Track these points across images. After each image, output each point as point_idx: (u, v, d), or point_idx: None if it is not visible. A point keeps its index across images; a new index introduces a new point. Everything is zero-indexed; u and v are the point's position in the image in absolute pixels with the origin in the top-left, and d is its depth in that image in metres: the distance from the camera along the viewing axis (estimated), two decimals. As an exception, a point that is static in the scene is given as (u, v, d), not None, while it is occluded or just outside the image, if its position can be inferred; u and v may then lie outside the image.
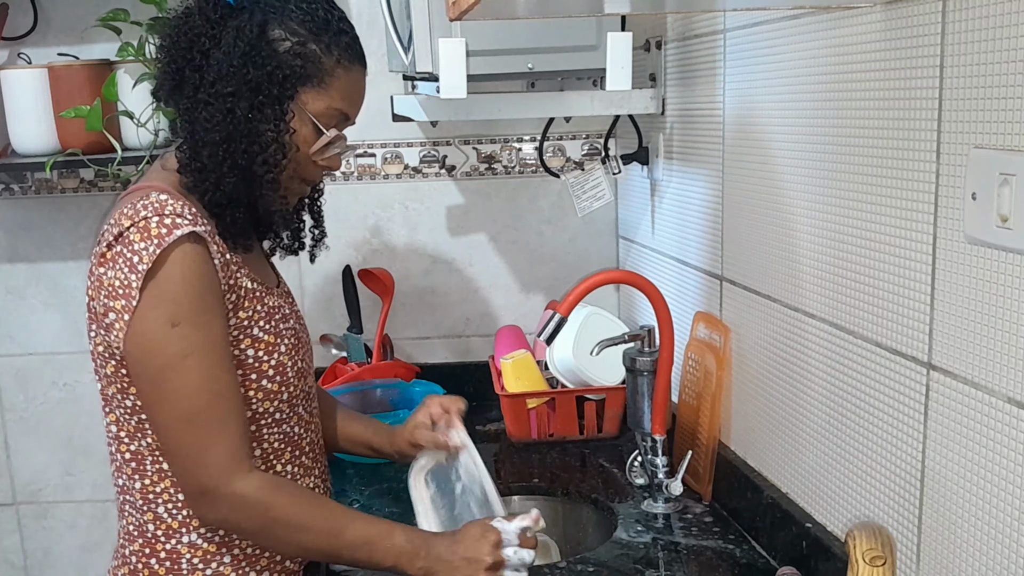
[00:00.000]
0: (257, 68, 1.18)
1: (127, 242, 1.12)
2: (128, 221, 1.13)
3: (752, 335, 1.44)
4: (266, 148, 1.20)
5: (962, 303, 0.95)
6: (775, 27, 1.30)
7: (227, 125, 1.18)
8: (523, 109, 1.74)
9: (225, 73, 1.17)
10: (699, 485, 1.58)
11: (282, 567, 1.29)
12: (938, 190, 0.97)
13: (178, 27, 1.21)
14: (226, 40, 1.18)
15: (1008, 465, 0.90)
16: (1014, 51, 0.85)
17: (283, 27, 1.20)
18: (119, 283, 1.12)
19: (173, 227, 1.12)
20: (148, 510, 1.23)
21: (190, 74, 1.20)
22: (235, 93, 1.17)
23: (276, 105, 1.19)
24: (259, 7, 1.20)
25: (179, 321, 1.13)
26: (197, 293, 1.14)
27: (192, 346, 1.13)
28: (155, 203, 1.14)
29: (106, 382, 1.22)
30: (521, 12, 1.17)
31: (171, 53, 1.21)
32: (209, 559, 1.24)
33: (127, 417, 1.22)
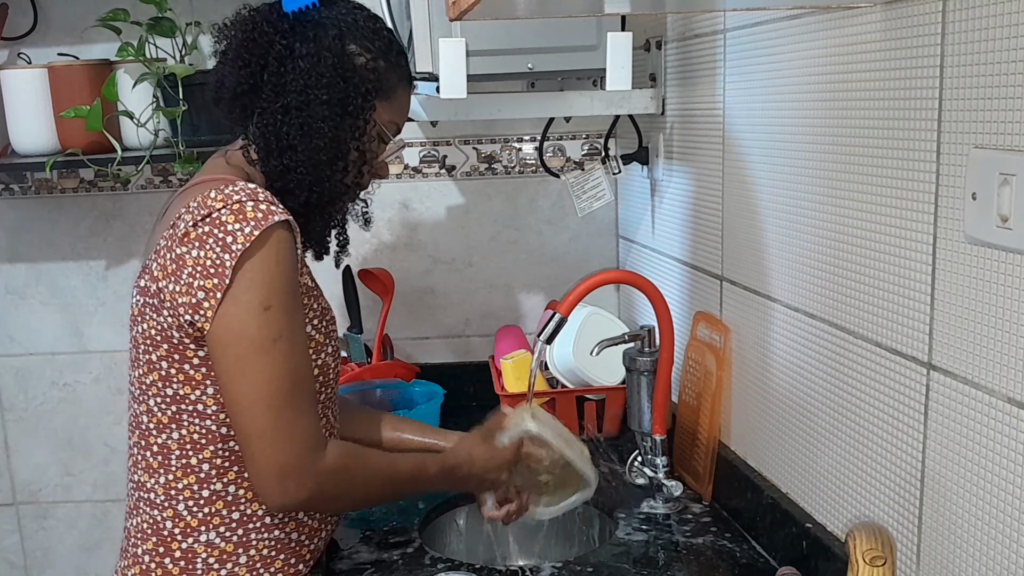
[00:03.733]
0: (345, 80, 1.23)
1: (218, 223, 1.13)
2: (219, 203, 1.14)
3: (752, 335, 1.44)
4: (348, 155, 1.26)
5: (962, 303, 0.95)
6: (775, 27, 1.30)
7: (320, 134, 1.22)
8: (523, 109, 1.74)
9: (314, 82, 1.21)
10: (699, 485, 1.58)
11: (295, 569, 1.29)
12: (938, 190, 0.97)
13: (247, 32, 1.24)
14: (304, 49, 1.22)
15: (1008, 465, 0.90)
16: (1014, 51, 0.85)
17: (358, 42, 1.25)
18: (210, 262, 1.13)
19: (269, 212, 1.15)
20: (168, 507, 1.23)
21: (268, 78, 1.23)
22: (328, 101, 1.22)
23: (360, 115, 1.25)
24: (330, 21, 1.24)
25: (271, 305, 1.15)
26: (288, 278, 1.17)
27: (282, 330, 1.16)
28: (246, 189, 1.16)
29: (147, 369, 1.22)
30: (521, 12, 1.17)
31: (243, 56, 1.24)
32: (225, 559, 1.24)
33: (163, 407, 1.22)
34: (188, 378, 1.20)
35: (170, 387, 1.21)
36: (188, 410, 1.21)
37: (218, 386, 1.19)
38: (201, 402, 1.21)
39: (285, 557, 1.28)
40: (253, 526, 1.25)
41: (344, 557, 1.46)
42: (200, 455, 1.22)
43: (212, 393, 1.20)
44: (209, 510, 1.23)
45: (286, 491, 1.18)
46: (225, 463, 1.23)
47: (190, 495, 1.23)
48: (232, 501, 1.24)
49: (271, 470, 1.17)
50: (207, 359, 1.19)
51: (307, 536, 1.30)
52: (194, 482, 1.23)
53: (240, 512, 1.24)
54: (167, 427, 1.22)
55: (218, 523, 1.23)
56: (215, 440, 1.22)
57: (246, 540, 1.24)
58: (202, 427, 1.21)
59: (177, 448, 1.22)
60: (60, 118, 1.87)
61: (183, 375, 1.20)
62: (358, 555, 1.46)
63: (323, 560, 1.41)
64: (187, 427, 1.22)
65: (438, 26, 1.54)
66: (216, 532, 1.23)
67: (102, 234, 2.16)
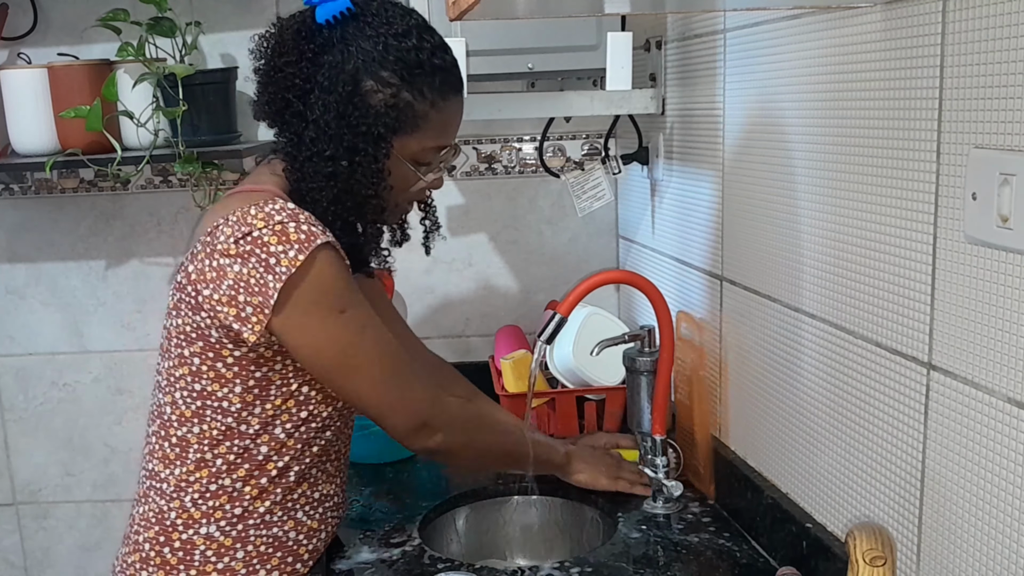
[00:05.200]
0: (352, 129, 1.21)
1: (261, 243, 1.15)
2: (260, 223, 1.16)
3: (752, 335, 1.44)
4: (366, 202, 1.25)
5: (962, 303, 0.95)
6: (775, 27, 1.30)
7: (330, 187, 1.22)
8: (523, 109, 1.74)
9: (322, 134, 1.21)
10: (702, 485, 1.58)
11: (292, 568, 1.30)
12: (938, 190, 0.97)
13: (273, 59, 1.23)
14: (320, 89, 1.20)
15: (1008, 465, 0.90)
16: (1014, 51, 0.85)
17: (374, 77, 1.20)
18: (254, 280, 1.15)
19: (311, 235, 1.16)
20: (176, 498, 1.25)
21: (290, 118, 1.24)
22: (333, 156, 1.21)
23: (372, 163, 1.23)
24: (350, 48, 1.20)
25: (344, 307, 1.22)
26: (348, 282, 1.23)
27: (363, 322, 1.24)
28: (286, 210, 1.18)
29: (178, 362, 1.24)
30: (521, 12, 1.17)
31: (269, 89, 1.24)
32: (223, 553, 1.26)
33: (189, 401, 1.24)
34: (218, 375, 1.22)
35: (199, 382, 1.23)
36: (213, 406, 1.23)
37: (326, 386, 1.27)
38: (227, 399, 1.23)
39: (282, 555, 1.29)
40: (252, 522, 1.27)
41: (344, 557, 1.46)
42: (216, 450, 1.24)
43: (240, 392, 1.23)
44: (213, 503, 1.25)
45: (424, 439, 1.31)
46: (238, 459, 1.25)
47: (199, 488, 1.25)
48: (236, 496, 1.26)
49: (405, 430, 1.31)
50: (242, 359, 1.22)
51: (305, 536, 1.31)
52: (205, 476, 1.25)
53: (242, 508, 1.26)
54: (189, 420, 1.25)
55: (219, 517, 1.25)
56: (233, 436, 1.24)
57: (245, 535, 1.26)
58: (223, 423, 1.24)
59: (196, 442, 1.25)
60: (60, 118, 1.87)
61: (214, 372, 1.22)
62: (358, 555, 1.46)
63: (323, 560, 1.41)
64: (209, 422, 1.24)
65: (438, 26, 1.53)
66: (216, 526, 1.25)
67: (102, 234, 2.16)
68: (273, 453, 1.27)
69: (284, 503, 1.29)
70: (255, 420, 1.25)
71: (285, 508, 1.29)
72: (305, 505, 1.32)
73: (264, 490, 1.27)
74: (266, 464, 1.27)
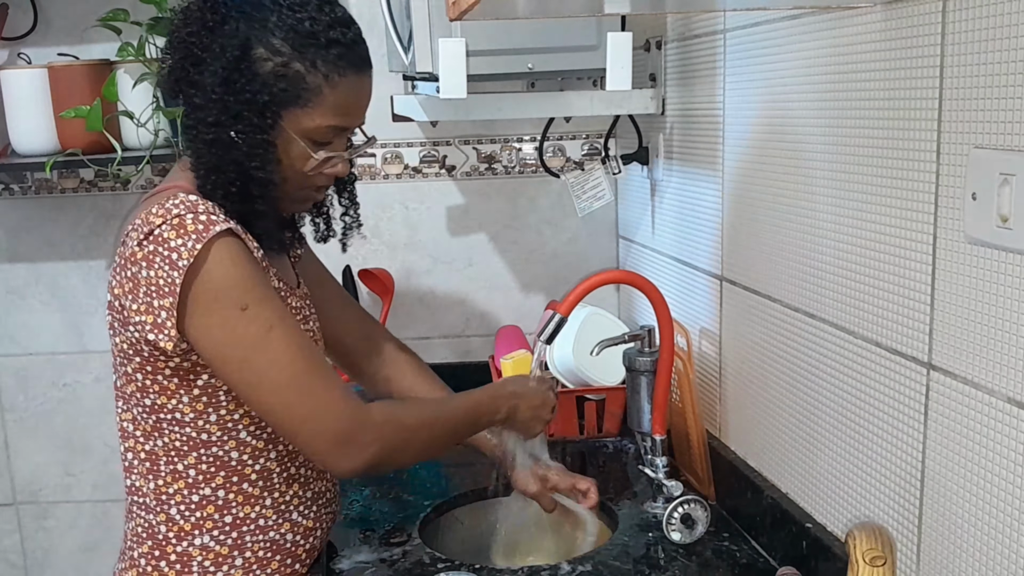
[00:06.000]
0: (236, 95, 1.14)
1: (161, 240, 1.11)
2: (159, 219, 1.12)
3: (752, 335, 1.44)
4: (255, 175, 1.18)
5: (962, 303, 0.95)
6: (775, 27, 1.30)
7: (215, 154, 1.16)
8: (523, 109, 1.74)
9: (207, 99, 1.15)
10: (702, 487, 1.58)
11: (291, 570, 1.29)
12: (938, 190, 0.97)
13: (176, 30, 1.19)
14: (211, 56, 1.16)
15: (1008, 465, 0.90)
16: (1014, 51, 0.85)
17: (265, 45, 1.15)
18: (162, 281, 1.11)
19: (209, 223, 1.12)
20: (160, 511, 1.23)
21: (185, 88, 1.19)
22: (217, 123, 1.15)
23: (259, 133, 1.16)
24: (244, 16, 1.16)
25: (247, 304, 1.13)
26: (251, 275, 1.15)
27: (269, 320, 1.14)
28: (185, 202, 1.13)
29: (125, 380, 1.22)
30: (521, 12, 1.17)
31: (168, 59, 1.20)
32: (221, 562, 1.23)
33: (144, 416, 1.22)
34: (163, 388, 1.19)
35: (147, 397, 1.20)
36: (167, 419, 1.21)
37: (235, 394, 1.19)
38: (178, 411, 1.20)
39: (281, 558, 1.28)
40: (247, 528, 1.25)
41: (344, 557, 1.46)
42: (185, 461, 1.22)
43: (188, 401, 1.20)
44: (201, 514, 1.23)
45: (351, 456, 1.17)
46: (211, 468, 1.22)
47: (181, 499, 1.23)
48: (223, 505, 1.23)
49: (328, 445, 1.17)
50: (179, 369, 1.18)
51: (302, 536, 1.30)
52: (183, 487, 1.22)
53: (232, 516, 1.24)
54: (151, 435, 1.22)
55: (211, 527, 1.23)
56: (197, 447, 1.21)
57: (241, 543, 1.24)
58: (182, 434, 1.21)
59: (163, 455, 1.22)
60: (60, 118, 1.87)
61: (158, 385, 1.19)
62: (358, 555, 1.46)
63: (323, 560, 1.41)
64: (168, 435, 1.21)
65: (438, 26, 1.54)
66: (210, 536, 1.23)
67: (102, 234, 2.15)
68: (247, 458, 1.23)
69: (277, 506, 1.27)
70: (214, 427, 1.21)
71: (279, 511, 1.27)
72: (300, 506, 1.29)
73: (250, 496, 1.24)
74: (243, 470, 1.23)
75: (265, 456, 1.25)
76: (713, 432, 1.61)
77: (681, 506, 1.43)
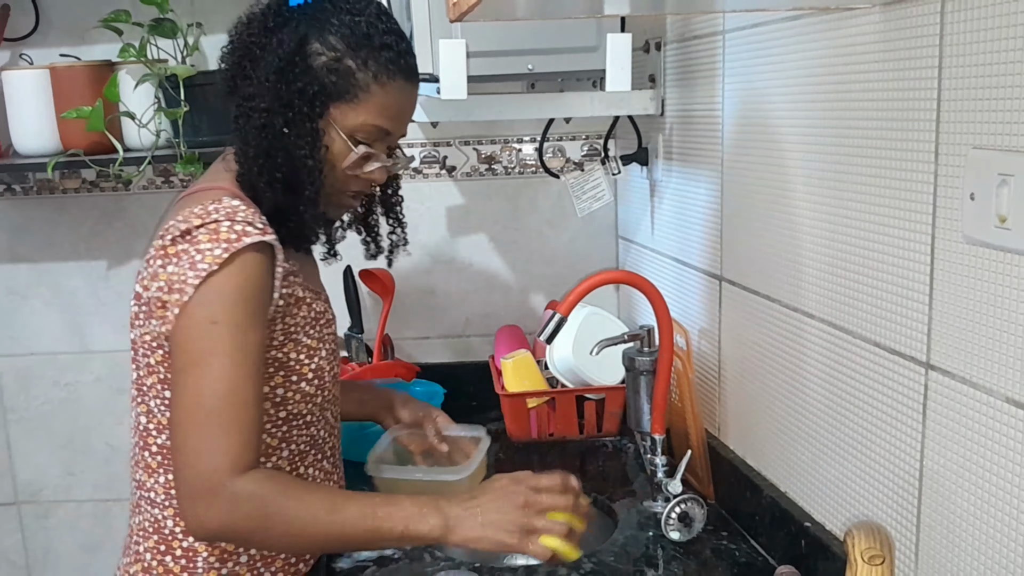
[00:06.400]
0: (289, 84, 1.19)
1: (194, 240, 1.13)
2: (198, 220, 1.14)
3: (751, 335, 1.44)
4: (302, 164, 1.20)
5: (960, 303, 0.95)
6: (774, 28, 1.31)
7: (264, 140, 1.19)
8: (523, 110, 1.75)
9: (261, 87, 1.19)
10: (702, 486, 1.58)
11: (295, 568, 1.30)
12: (936, 190, 0.98)
13: (239, 33, 1.24)
14: (268, 52, 1.20)
15: (1006, 464, 0.90)
16: (1013, 52, 0.85)
17: (321, 41, 1.20)
18: (176, 278, 1.12)
19: (243, 234, 1.13)
20: (169, 505, 1.24)
21: (240, 83, 1.22)
22: (269, 109, 1.19)
23: (308, 122, 1.20)
24: (305, 18, 1.21)
25: (218, 320, 1.12)
26: (245, 299, 1.13)
27: (221, 348, 1.11)
28: (227, 208, 1.15)
29: (146, 371, 1.23)
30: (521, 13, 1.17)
31: (228, 60, 1.24)
32: (226, 558, 1.24)
33: (162, 409, 1.22)
34: None
35: (168, 389, 1.21)
36: None
37: None
38: None
39: (286, 556, 1.28)
40: None
41: (345, 556, 1.46)
42: None
43: None
44: None
45: (196, 514, 1.10)
46: None
47: None
48: None
49: (187, 489, 1.11)
50: None
51: None
52: None
53: None
54: (166, 428, 1.22)
55: None
56: None
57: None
58: None
59: None
60: (62, 119, 1.88)
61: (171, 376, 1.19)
62: (359, 554, 1.46)
63: (323, 559, 1.41)
64: None
65: (438, 27, 1.54)
66: None
67: (103, 234, 2.16)
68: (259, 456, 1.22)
69: None
70: None
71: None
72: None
73: None
74: None
75: (277, 455, 1.27)
76: (712, 432, 1.62)
77: (679, 505, 1.43)
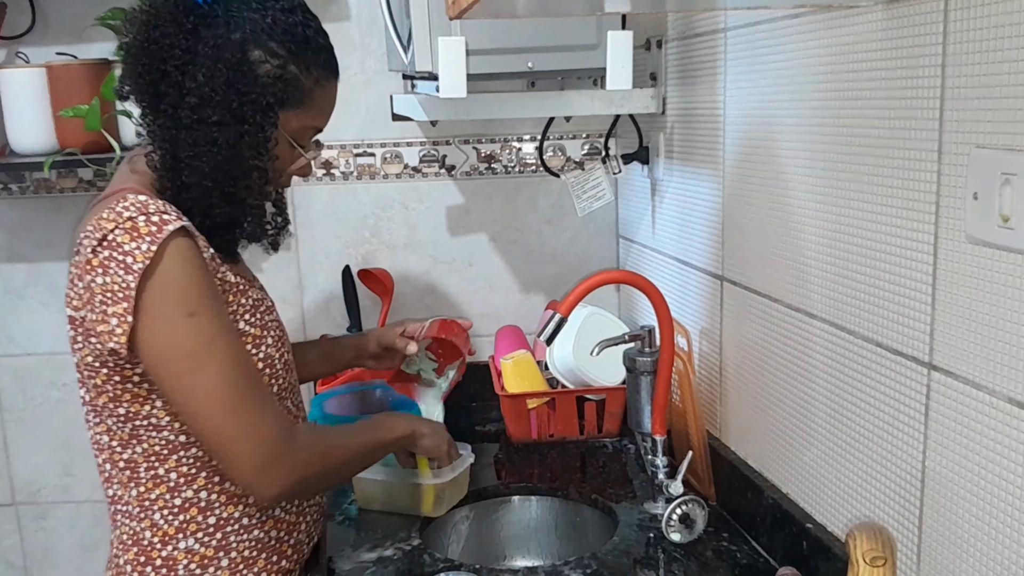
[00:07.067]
0: (241, 96, 1.16)
1: (115, 244, 1.10)
2: (111, 224, 1.11)
3: (752, 335, 1.44)
4: (249, 174, 1.20)
5: (963, 303, 0.94)
6: (776, 26, 1.30)
7: (213, 154, 1.17)
8: (523, 108, 1.74)
9: (208, 99, 1.15)
10: (703, 487, 1.58)
11: (278, 567, 1.29)
12: (939, 190, 0.97)
13: (148, 32, 1.18)
14: (204, 57, 1.16)
15: (1009, 466, 0.90)
16: (1016, 50, 0.85)
17: (263, 47, 1.18)
18: (116, 287, 1.10)
19: (162, 223, 1.11)
20: (144, 517, 1.22)
21: (166, 88, 1.17)
22: (220, 122, 1.16)
23: (259, 132, 1.18)
24: (235, 18, 1.17)
25: (193, 311, 1.12)
26: (201, 281, 1.14)
27: (213, 332, 1.13)
28: (136, 204, 1.12)
29: (95, 393, 1.21)
30: (521, 11, 1.17)
31: (143, 61, 1.18)
32: (207, 564, 1.23)
33: (120, 425, 1.21)
34: (135, 396, 1.19)
35: (120, 407, 1.19)
36: (143, 425, 1.20)
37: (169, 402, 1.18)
38: (154, 416, 1.19)
39: (267, 556, 1.27)
40: (231, 529, 1.24)
41: (344, 557, 1.45)
42: (165, 465, 1.21)
43: (162, 405, 1.19)
44: (184, 517, 1.22)
45: (272, 482, 1.17)
46: (192, 470, 1.22)
47: (163, 504, 1.22)
48: (206, 507, 1.23)
49: (251, 467, 1.15)
50: (146, 374, 1.17)
51: (286, 532, 1.29)
52: (165, 492, 1.21)
53: (216, 516, 1.23)
54: (128, 443, 1.21)
55: (195, 529, 1.22)
56: (176, 449, 1.21)
57: (226, 544, 1.24)
58: (160, 439, 1.20)
59: (143, 461, 1.21)
60: (59, 117, 1.87)
61: (129, 393, 1.18)
62: (358, 555, 1.46)
63: (323, 560, 1.41)
64: (147, 441, 1.20)
65: (438, 25, 1.53)
66: (194, 538, 1.22)
67: (101, 234, 2.15)
68: None
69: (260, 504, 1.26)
70: None
71: (262, 508, 1.26)
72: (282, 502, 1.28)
73: (233, 495, 1.23)
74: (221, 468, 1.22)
75: None
76: (713, 432, 1.61)
77: (680, 506, 1.43)
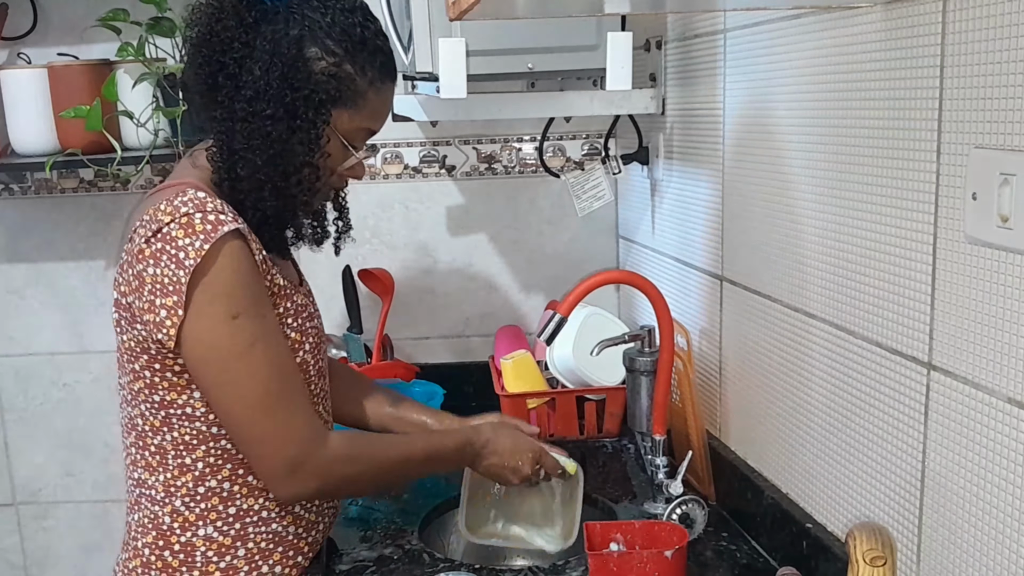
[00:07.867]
0: (295, 91, 1.18)
1: (169, 238, 1.12)
2: (168, 217, 1.13)
3: (752, 335, 1.44)
4: (300, 170, 1.21)
5: (962, 303, 0.95)
6: (775, 27, 1.30)
7: (265, 148, 1.18)
8: (523, 109, 1.74)
9: (262, 93, 1.17)
10: (703, 487, 1.58)
11: (294, 562, 1.30)
12: (938, 190, 0.97)
13: (210, 25, 1.19)
14: (261, 52, 1.17)
15: (1008, 465, 0.90)
16: (1015, 51, 0.85)
17: (319, 45, 1.19)
18: (167, 279, 1.12)
19: (218, 223, 1.13)
20: (167, 503, 1.24)
21: (224, 81, 1.19)
22: (272, 116, 1.17)
23: (311, 129, 1.20)
24: (295, 15, 1.19)
25: (238, 313, 1.15)
26: (249, 284, 1.17)
27: (255, 334, 1.16)
28: (194, 200, 1.14)
29: (133, 377, 1.22)
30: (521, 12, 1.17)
31: (203, 52, 1.20)
32: (224, 552, 1.25)
33: (153, 412, 1.22)
34: (172, 384, 1.20)
35: (156, 393, 1.21)
36: (177, 414, 1.22)
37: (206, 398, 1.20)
38: (189, 406, 1.22)
39: (283, 550, 1.29)
40: (250, 520, 1.26)
41: (344, 556, 1.46)
42: (193, 455, 1.23)
43: (199, 396, 1.21)
44: (206, 505, 1.24)
45: (296, 484, 1.21)
46: (218, 461, 1.24)
47: (187, 492, 1.24)
48: (227, 497, 1.25)
49: (274, 469, 1.20)
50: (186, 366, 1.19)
51: (304, 529, 1.31)
52: (190, 479, 1.24)
53: (236, 507, 1.25)
54: (160, 430, 1.23)
55: (215, 518, 1.25)
56: (206, 440, 1.23)
57: (244, 534, 1.26)
58: (192, 428, 1.22)
59: (172, 448, 1.23)
60: (60, 118, 1.87)
61: (167, 382, 1.20)
62: (358, 554, 1.46)
63: (323, 559, 1.41)
64: (178, 429, 1.23)
65: (438, 26, 1.54)
66: (214, 526, 1.25)
67: (102, 234, 2.15)
68: None
69: None
70: None
71: (282, 504, 1.28)
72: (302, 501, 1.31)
73: (254, 488, 1.26)
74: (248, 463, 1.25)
75: None
76: (713, 432, 1.61)
77: (680, 506, 1.43)
